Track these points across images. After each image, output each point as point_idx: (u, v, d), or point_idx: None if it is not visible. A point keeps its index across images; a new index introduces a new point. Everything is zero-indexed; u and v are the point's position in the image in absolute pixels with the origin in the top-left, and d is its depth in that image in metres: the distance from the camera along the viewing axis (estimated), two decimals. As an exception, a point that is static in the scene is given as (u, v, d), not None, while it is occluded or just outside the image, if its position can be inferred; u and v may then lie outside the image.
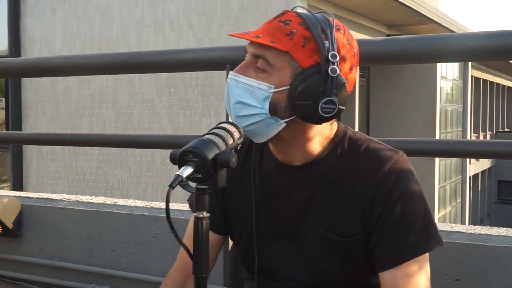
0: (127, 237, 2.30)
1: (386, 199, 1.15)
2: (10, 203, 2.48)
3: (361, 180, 1.18)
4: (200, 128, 10.37)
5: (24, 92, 12.38)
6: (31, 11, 12.25)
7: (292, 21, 1.13)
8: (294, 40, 1.11)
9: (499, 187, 23.99)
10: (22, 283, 2.55)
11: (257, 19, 10.15)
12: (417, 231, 1.14)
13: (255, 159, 1.29)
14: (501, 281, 1.67)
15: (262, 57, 1.13)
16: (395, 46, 1.81)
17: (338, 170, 1.20)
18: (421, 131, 13.54)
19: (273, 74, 1.12)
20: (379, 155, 1.19)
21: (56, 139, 2.93)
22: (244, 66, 1.16)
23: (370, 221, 1.17)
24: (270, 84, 1.12)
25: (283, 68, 1.12)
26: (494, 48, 1.66)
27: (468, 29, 17.21)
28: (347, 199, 1.19)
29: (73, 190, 11.67)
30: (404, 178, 1.17)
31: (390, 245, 1.15)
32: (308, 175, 1.22)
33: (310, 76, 1.10)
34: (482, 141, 6.81)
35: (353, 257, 1.20)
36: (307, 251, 1.23)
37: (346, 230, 1.19)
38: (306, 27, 1.12)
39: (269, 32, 1.13)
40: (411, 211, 1.15)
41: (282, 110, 1.13)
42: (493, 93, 24.97)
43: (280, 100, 1.13)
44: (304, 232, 1.23)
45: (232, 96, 1.15)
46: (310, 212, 1.22)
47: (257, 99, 1.13)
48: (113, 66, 2.39)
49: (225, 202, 1.33)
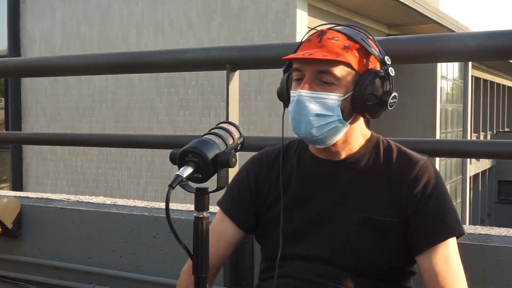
0: (127, 237, 2.30)
1: (421, 193, 1.32)
2: (10, 203, 2.48)
3: (397, 177, 1.34)
4: (200, 128, 10.37)
5: (24, 92, 12.38)
6: (31, 11, 12.25)
7: (338, 37, 1.29)
8: (349, 53, 1.28)
9: (499, 187, 23.99)
10: (22, 283, 2.54)
11: (257, 19, 10.15)
12: (451, 216, 1.32)
13: (293, 161, 1.43)
14: (501, 281, 1.67)
15: (328, 72, 1.27)
16: (395, 46, 1.81)
17: (376, 165, 1.37)
18: (421, 131, 13.54)
19: (339, 85, 1.28)
20: (411, 158, 1.37)
21: (56, 139, 2.93)
22: (309, 83, 1.29)
23: (408, 206, 1.32)
24: (339, 94, 1.28)
25: (346, 77, 1.28)
26: (494, 48, 1.66)
27: (468, 29, 17.22)
28: (384, 190, 1.34)
29: (73, 190, 11.67)
30: (433, 176, 1.34)
31: (427, 228, 1.31)
32: (347, 169, 1.37)
33: (371, 79, 1.29)
34: (482, 141, 6.82)
35: (388, 238, 1.32)
36: (345, 234, 1.34)
37: (385, 213, 1.33)
38: (353, 40, 1.29)
39: (328, 49, 1.28)
40: (444, 203, 1.33)
41: (347, 113, 1.30)
42: (493, 93, 24.97)
43: (346, 105, 1.29)
44: (343, 217, 1.35)
45: (307, 111, 1.28)
46: (349, 200, 1.35)
47: (331, 109, 1.28)
48: (113, 66, 2.39)
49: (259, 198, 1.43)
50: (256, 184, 1.44)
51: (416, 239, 1.32)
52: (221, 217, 1.46)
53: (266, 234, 1.43)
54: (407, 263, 1.38)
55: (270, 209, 1.42)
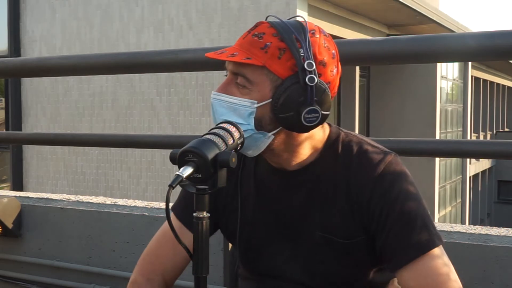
0: (127, 237, 2.30)
1: (383, 201, 1.15)
2: (10, 203, 2.48)
3: (356, 182, 1.18)
4: (200, 128, 10.37)
5: (24, 92, 12.37)
6: (31, 11, 12.25)
7: (265, 33, 1.12)
8: (269, 53, 1.11)
9: (499, 187, 23.98)
10: (22, 283, 2.54)
11: (257, 19, 10.01)
12: (419, 229, 1.14)
13: (250, 167, 1.29)
14: (501, 281, 1.67)
15: (240, 74, 1.13)
16: (395, 46, 1.81)
17: (333, 172, 1.20)
18: (421, 131, 13.53)
19: (254, 90, 1.12)
20: (372, 157, 1.19)
21: (56, 139, 2.94)
22: (225, 84, 1.15)
23: (371, 223, 1.17)
24: (253, 100, 1.12)
25: (262, 82, 1.12)
26: (494, 48, 1.66)
27: (468, 29, 17.20)
28: (344, 201, 1.19)
29: (73, 190, 11.66)
30: (398, 179, 1.17)
31: (394, 246, 1.15)
32: (303, 179, 1.22)
33: (289, 87, 1.10)
34: (482, 141, 6.81)
35: (356, 258, 1.20)
36: (309, 255, 1.23)
37: (348, 232, 1.18)
38: (280, 38, 1.11)
39: (245, 47, 1.13)
40: (410, 211, 1.15)
41: (268, 123, 1.13)
42: (493, 93, 24.97)
43: (265, 114, 1.13)
44: (304, 235, 1.23)
45: (217, 115, 1.15)
46: (308, 216, 1.21)
47: (242, 116, 1.12)
48: (113, 66, 2.39)
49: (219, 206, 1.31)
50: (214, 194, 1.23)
51: (385, 258, 1.17)
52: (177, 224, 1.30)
53: (234, 246, 1.34)
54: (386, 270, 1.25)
55: (228, 225, 1.31)
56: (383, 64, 2.50)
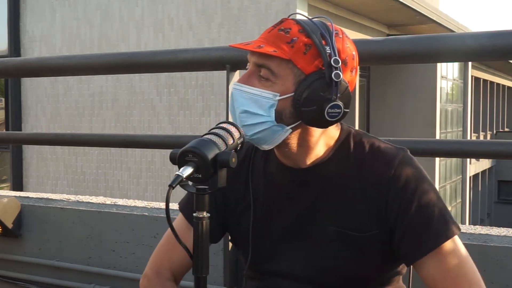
0: (127, 237, 2.30)
1: (402, 196, 1.18)
2: (10, 203, 2.48)
3: (372, 179, 1.20)
4: (200, 128, 10.37)
5: (24, 92, 12.38)
6: (31, 11, 12.25)
7: (291, 28, 1.15)
8: (295, 48, 1.13)
9: (499, 187, 23.99)
10: (22, 283, 2.55)
11: (257, 19, 10.15)
12: (436, 220, 1.17)
13: (259, 167, 1.29)
14: (501, 281, 1.67)
15: (265, 66, 1.15)
16: (395, 46, 1.81)
17: (346, 169, 1.22)
18: (421, 131, 13.54)
19: (277, 82, 1.14)
20: (386, 154, 1.21)
21: (56, 139, 2.93)
22: (247, 75, 1.17)
23: (388, 218, 1.19)
24: (275, 92, 1.14)
25: (286, 76, 1.14)
26: (494, 48, 1.66)
27: (468, 29, 17.21)
28: (358, 197, 1.20)
29: (73, 190, 11.67)
30: (414, 174, 1.20)
31: (413, 239, 1.18)
32: (316, 176, 1.23)
33: (313, 82, 1.13)
34: (482, 141, 6.81)
35: (368, 253, 1.22)
36: (321, 251, 1.24)
37: (362, 226, 1.20)
38: (306, 34, 1.14)
39: (270, 41, 1.15)
40: (428, 204, 1.18)
41: (288, 116, 1.15)
42: (493, 93, 24.97)
43: (285, 107, 1.15)
44: (317, 232, 1.23)
45: (237, 105, 1.17)
46: (320, 212, 1.23)
47: (263, 108, 1.15)
48: (113, 66, 2.39)
49: (227, 209, 1.32)
50: (223, 195, 1.31)
51: (403, 251, 1.19)
52: (185, 225, 1.32)
53: (240, 247, 1.35)
54: (395, 267, 1.28)
55: (239, 223, 1.31)
56: (383, 64, 2.50)
